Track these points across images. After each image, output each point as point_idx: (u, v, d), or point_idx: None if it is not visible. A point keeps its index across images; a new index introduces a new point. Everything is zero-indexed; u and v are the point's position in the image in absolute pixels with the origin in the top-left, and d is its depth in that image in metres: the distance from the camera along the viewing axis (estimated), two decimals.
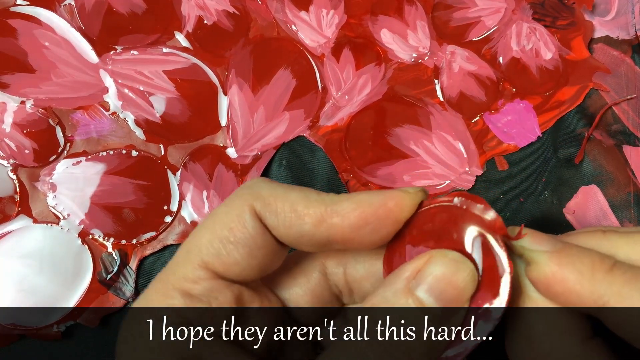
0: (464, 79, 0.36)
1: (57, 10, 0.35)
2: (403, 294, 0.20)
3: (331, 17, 0.37)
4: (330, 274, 0.25)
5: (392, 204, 0.22)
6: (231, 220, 0.22)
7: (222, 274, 0.22)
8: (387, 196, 0.22)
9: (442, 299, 0.20)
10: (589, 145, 0.35)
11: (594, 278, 0.20)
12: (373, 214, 0.22)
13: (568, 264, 0.20)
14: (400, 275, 0.21)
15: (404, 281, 0.21)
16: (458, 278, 0.20)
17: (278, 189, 0.23)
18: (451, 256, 0.21)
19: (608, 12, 0.38)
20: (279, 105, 0.35)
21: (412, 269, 0.21)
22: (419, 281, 0.20)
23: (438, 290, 0.20)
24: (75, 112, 0.34)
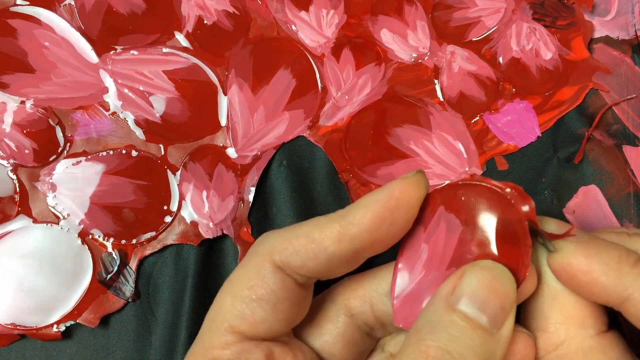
0: (464, 79, 0.36)
1: (57, 10, 0.35)
2: (445, 311, 0.20)
3: (331, 17, 0.37)
4: (357, 314, 0.24)
5: (397, 192, 0.21)
6: (250, 278, 0.22)
7: (250, 334, 0.22)
8: (389, 188, 0.22)
9: (487, 308, 0.20)
10: (589, 145, 0.35)
11: (620, 270, 0.20)
12: (384, 209, 0.21)
13: (595, 254, 0.20)
14: (437, 296, 0.20)
15: (442, 299, 0.20)
16: (496, 284, 0.20)
17: (287, 232, 0.23)
18: (483, 264, 0.21)
19: (608, 12, 0.38)
20: (278, 105, 0.35)
21: (449, 287, 0.20)
22: (458, 296, 0.20)
23: (479, 300, 0.20)
24: (75, 112, 0.34)
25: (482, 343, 0.19)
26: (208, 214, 0.33)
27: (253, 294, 0.22)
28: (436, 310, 0.20)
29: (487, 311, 0.20)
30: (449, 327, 0.19)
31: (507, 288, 0.20)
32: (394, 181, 0.22)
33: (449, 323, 0.19)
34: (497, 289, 0.20)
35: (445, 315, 0.20)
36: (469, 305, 0.20)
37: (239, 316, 0.22)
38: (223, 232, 0.33)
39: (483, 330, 0.19)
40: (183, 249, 0.33)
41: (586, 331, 0.21)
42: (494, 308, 0.20)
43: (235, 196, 0.34)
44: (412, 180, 0.22)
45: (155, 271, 0.33)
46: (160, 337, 0.32)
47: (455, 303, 0.20)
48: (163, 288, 0.33)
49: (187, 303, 0.32)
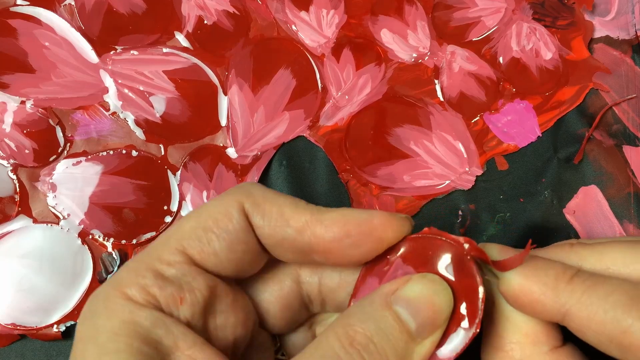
0: (464, 79, 0.36)
1: (57, 10, 0.35)
2: (381, 306, 0.21)
3: (331, 17, 0.37)
4: (304, 283, 0.25)
5: (377, 221, 0.22)
6: (218, 212, 0.22)
7: (199, 262, 0.22)
8: (373, 214, 0.22)
9: (419, 317, 0.21)
10: (589, 145, 0.35)
11: (556, 288, 0.21)
12: (356, 227, 0.22)
13: (533, 276, 0.21)
14: (378, 292, 0.21)
15: (382, 295, 0.21)
16: (435, 299, 0.21)
17: (269, 192, 0.23)
18: (430, 277, 0.22)
19: (608, 12, 0.38)
20: (279, 105, 0.35)
21: (391, 287, 0.21)
22: (397, 297, 0.21)
23: (415, 309, 0.21)
24: (75, 112, 0.34)
25: (404, 346, 0.20)
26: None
27: (215, 226, 0.22)
28: (373, 303, 0.21)
29: (418, 320, 0.21)
30: (379, 321, 0.20)
31: (443, 306, 0.21)
32: (382, 211, 0.23)
33: (381, 317, 0.20)
34: (435, 303, 0.21)
35: (379, 310, 0.21)
36: (403, 308, 0.21)
37: (195, 241, 0.22)
38: None
39: (408, 334, 0.21)
40: None
41: (540, 348, 0.22)
42: (425, 319, 0.21)
43: None
44: (397, 221, 0.22)
45: None
46: None
47: (392, 302, 0.21)
48: None
49: None
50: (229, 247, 0.22)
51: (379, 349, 0.20)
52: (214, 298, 0.22)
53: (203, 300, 0.22)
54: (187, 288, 0.21)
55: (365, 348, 0.20)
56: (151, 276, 0.21)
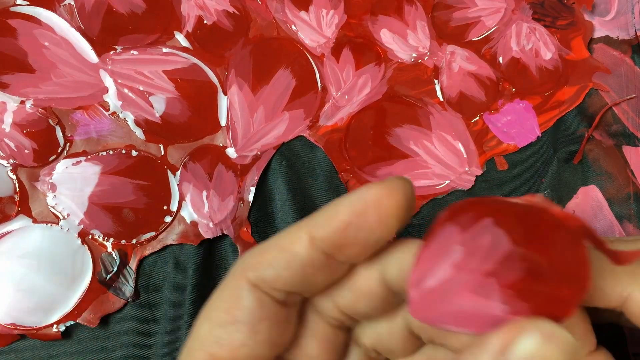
0: (464, 79, 0.36)
1: (57, 10, 0.35)
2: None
3: (331, 17, 0.37)
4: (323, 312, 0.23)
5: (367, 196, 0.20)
6: (225, 301, 0.21)
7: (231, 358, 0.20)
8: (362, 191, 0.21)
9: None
10: (589, 145, 0.35)
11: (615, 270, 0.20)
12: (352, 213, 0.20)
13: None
14: (485, 349, 0.19)
15: (491, 357, 0.18)
16: (552, 354, 0.18)
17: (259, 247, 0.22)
18: (545, 330, 0.18)
19: (608, 12, 0.38)
20: (278, 105, 0.35)
21: (500, 343, 0.18)
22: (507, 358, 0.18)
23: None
24: (75, 112, 0.34)
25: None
26: (208, 214, 0.33)
27: (229, 317, 0.21)
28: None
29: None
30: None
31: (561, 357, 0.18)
32: (370, 184, 0.21)
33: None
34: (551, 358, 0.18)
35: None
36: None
37: (217, 342, 0.20)
38: (223, 232, 0.33)
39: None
40: (183, 249, 0.33)
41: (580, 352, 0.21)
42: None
43: (235, 196, 0.34)
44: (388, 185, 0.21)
45: (155, 271, 0.33)
46: (161, 337, 0.32)
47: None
48: (163, 288, 0.33)
49: (187, 303, 0.32)
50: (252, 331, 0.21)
51: None
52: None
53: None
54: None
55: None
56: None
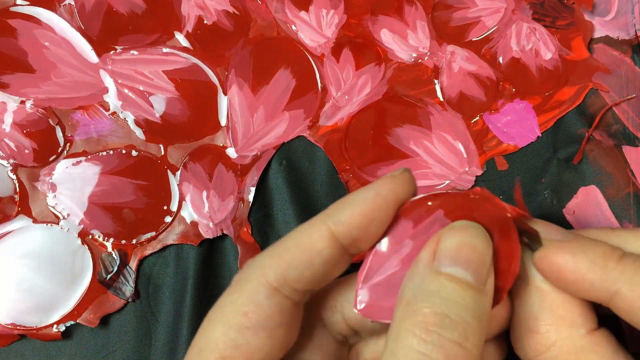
0: (464, 79, 0.36)
1: (57, 10, 0.35)
2: (432, 277, 0.20)
3: (331, 17, 0.37)
4: (329, 325, 0.24)
5: (385, 191, 0.21)
6: (243, 304, 0.21)
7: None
8: (377, 186, 0.21)
9: (470, 266, 0.20)
10: (589, 145, 0.35)
11: (606, 266, 0.20)
12: (373, 208, 0.21)
13: (580, 252, 0.21)
14: (419, 264, 0.20)
15: (426, 266, 0.20)
16: (474, 241, 0.20)
17: (275, 249, 0.22)
18: (457, 225, 0.21)
19: (608, 12, 0.38)
20: (278, 105, 0.35)
21: (429, 253, 0.20)
22: (440, 259, 0.20)
23: (462, 260, 0.20)
24: (75, 112, 0.34)
25: (474, 301, 0.19)
26: (208, 214, 0.33)
27: (247, 322, 0.20)
28: (423, 277, 0.20)
29: (471, 269, 0.20)
30: (440, 292, 0.19)
31: (484, 244, 0.20)
32: (382, 179, 0.22)
33: (438, 287, 0.19)
34: (476, 246, 0.20)
35: (433, 281, 0.19)
36: (453, 266, 0.20)
37: (232, 346, 0.20)
38: (223, 232, 0.33)
39: (472, 288, 0.19)
40: (183, 249, 0.33)
41: (577, 330, 0.21)
42: (476, 265, 0.20)
43: (235, 196, 0.34)
44: (400, 179, 0.22)
45: (155, 271, 0.33)
46: (161, 337, 0.32)
47: (439, 266, 0.20)
48: (163, 288, 0.33)
49: (187, 303, 0.32)
50: (270, 336, 0.21)
51: (456, 318, 0.19)
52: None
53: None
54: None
55: (443, 325, 0.18)
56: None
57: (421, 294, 0.19)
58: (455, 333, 0.18)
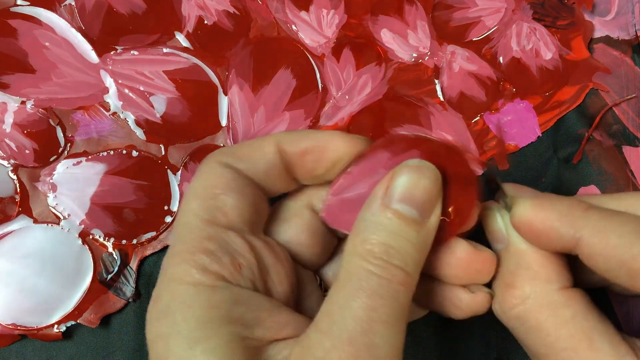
0: (464, 79, 0.36)
1: (58, 11, 0.35)
2: (382, 211, 0.22)
3: (331, 17, 0.37)
4: (319, 210, 0.26)
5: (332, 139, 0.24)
6: (207, 179, 0.23)
7: (227, 223, 0.22)
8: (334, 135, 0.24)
9: (417, 204, 0.22)
10: (589, 146, 0.35)
11: (572, 215, 0.22)
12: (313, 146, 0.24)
13: (549, 205, 0.23)
14: (373, 198, 0.22)
15: (378, 200, 0.22)
16: (423, 180, 0.22)
17: (237, 144, 0.25)
18: (410, 163, 0.23)
19: (608, 12, 0.38)
20: (279, 105, 0.35)
21: (382, 188, 0.22)
22: (391, 196, 0.22)
23: (409, 197, 0.22)
24: (76, 112, 0.34)
25: (416, 234, 0.22)
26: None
27: (216, 189, 0.23)
28: (373, 211, 0.22)
29: (416, 205, 0.22)
30: (387, 225, 0.21)
31: (432, 182, 0.22)
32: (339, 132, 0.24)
33: (386, 221, 0.21)
34: (425, 184, 0.22)
35: (382, 215, 0.22)
36: (401, 203, 0.22)
37: (212, 209, 0.22)
38: None
39: (415, 223, 0.22)
40: None
41: (551, 285, 0.23)
42: (422, 201, 0.22)
43: None
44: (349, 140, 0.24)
45: (156, 271, 0.33)
46: None
47: (389, 203, 0.22)
48: None
49: None
50: (241, 193, 0.23)
51: (399, 249, 0.21)
52: (260, 255, 0.23)
53: (254, 260, 0.22)
54: (236, 254, 0.22)
55: (387, 254, 0.21)
56: (203, 255, 0.21)
57: (371, 226, 0.22)
58: (396, 260, 0.21)
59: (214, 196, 0.23)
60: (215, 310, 0.20)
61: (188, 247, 0.22)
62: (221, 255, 0.22)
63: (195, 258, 0.21)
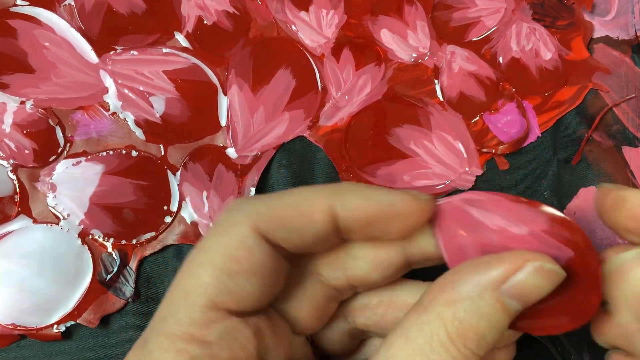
0: (464, 79, 0.36)
1: (57, 11, 0.35)
2: (492, 299, 0.19)
3: (331, 17, 0.37)
4: (328, 280, 0.23)
5: (401, 205, 0.21)
6: (234, 248, 0.20)
7: (236, 310, 0.20)
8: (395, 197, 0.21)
9: (524, 301, 0.20)
10: (589, 146, 0.35)
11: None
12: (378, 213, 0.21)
13: None
14: (486, 274, 0.20)
15: (493, 284, 0.20)
16: (545, 286, 0.20)
17: (273, 199, 0.21)
18: (548, 268, 0.20)
19: (608, 12, 0.38)
20: (278, 105, 0.35)
21: (502, 274, 0.20)
22: (509, 291, 0.20)
23: (525, 298, 0.20)
24: (75, 112, 0.34)
25: (504, 321, 0.20)
26: (208, 214, 0.33)
27: (238, 267, 0.20)
28: (482, 291, 0.19)
29: (522, 303, 0.20)
30: (491, 317, 0.19)
31: (551, 287, 0.20)
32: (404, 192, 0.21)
33: (492, 314, 0.19)
34: (543, 289, 0.20)
35: (491, 307, 0.19)
36: (513, 301, 0.20)
37: (224, 291, 0.19)
38: None
39: (510, 312, 0.20)
40: (183, 249, 0.33)
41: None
42: (531, 300, 0.20)
43: (236, 196, 0.34)
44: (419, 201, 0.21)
45: (155, 271, 0.33)
46: None
47: (504, 294, 0.19)
48: (163, 288, 0.33)
49: None
50: (262, 282, 0.20)
51: (489, 341, 0.19)
52: (263, 339, 0.21)
53: (255, 350, 0.20)
54: (237, 347, 0.20)
55: (478, 346, 0.19)
56: (197, 348, 0.19)
57: (472, 309, 0.19)
58: (483, 350, 0.19)
59: (232, 275, 0.20)
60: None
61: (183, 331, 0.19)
62: (219, 349, 0.19)
63: (189, 349, 0.19)
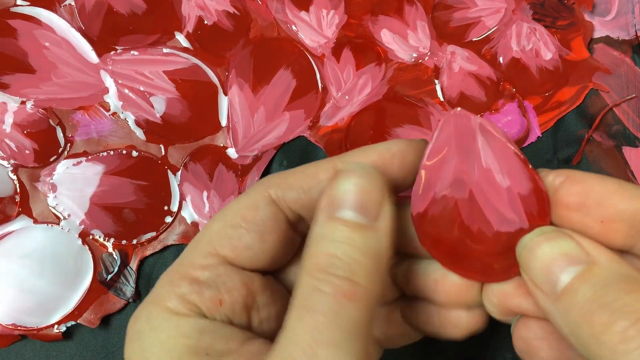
0: (464, 79, 0.36)
1: (58, 11, 0.35)
2: (327, 222, 0.20)
3: (331, 17, 0.37)
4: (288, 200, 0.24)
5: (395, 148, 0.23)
6: (243, 207, 0.22)
7: (233, 259, 0.22)
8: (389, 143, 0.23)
9: (362, 209, 0.20)
10: (589, 146, 0.35)
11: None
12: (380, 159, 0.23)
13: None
14: (318, 209, 0.21)
15: (322, 211, 0.21)
16: (367, 184, 0.21)
17: (286, 171, 0.23)
18: (350, 168, 0.21)
19: (608, 12, 0.38)
20: (279, 105, 0.35)
21: (326, 198, 0.21)
22: (331, 206, 0.21)
23: (355, 205, 0.20)
24: (76, 112, 0.34)
25: (364, 239, 0.20)
26: (208, 214, 0.33)
27: (242, 221, 0.22)
28: (319, 223, 0.21)
29: (363, 212, 0.20)
30: (332, 235, 0.20)
31: (376, 184, 0.21)
32: (397, 140, 0.23)
33: (331, 231, 0.20)
34: (370, 190, 0.21)
35: (327, 226, 0.20)
36: (345, 211, 0.20)
37: (225, 240, 0.22)
38: None
39: (361, 227, 0.20)
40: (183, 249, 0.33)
41: None
42: (369, 207, 0.20)
43: (236, 196, 0.34)
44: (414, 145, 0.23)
45: (156, 271, 0.33)
46: None
47: (332, 212, 0.20)
48: None
49: None
50: (261, 238, 0.22)
51: (345, 258, 0.19)
52: (253, 294, 0.22)
53: (242, 298, 0.22)
54: (224, 289, 0.22)
55: (332, 266, 0.19)
56: (187, 284, 0.21)
57: (316, 239, 0.20)
58: (341, 270, 0.19)
59: (235, 226, 0.22)
60: (181, 339, 0.20)
61: (181, 270, 0.22)
62: (206, 287, 0.21)
63: (180, 284, 0.21)
